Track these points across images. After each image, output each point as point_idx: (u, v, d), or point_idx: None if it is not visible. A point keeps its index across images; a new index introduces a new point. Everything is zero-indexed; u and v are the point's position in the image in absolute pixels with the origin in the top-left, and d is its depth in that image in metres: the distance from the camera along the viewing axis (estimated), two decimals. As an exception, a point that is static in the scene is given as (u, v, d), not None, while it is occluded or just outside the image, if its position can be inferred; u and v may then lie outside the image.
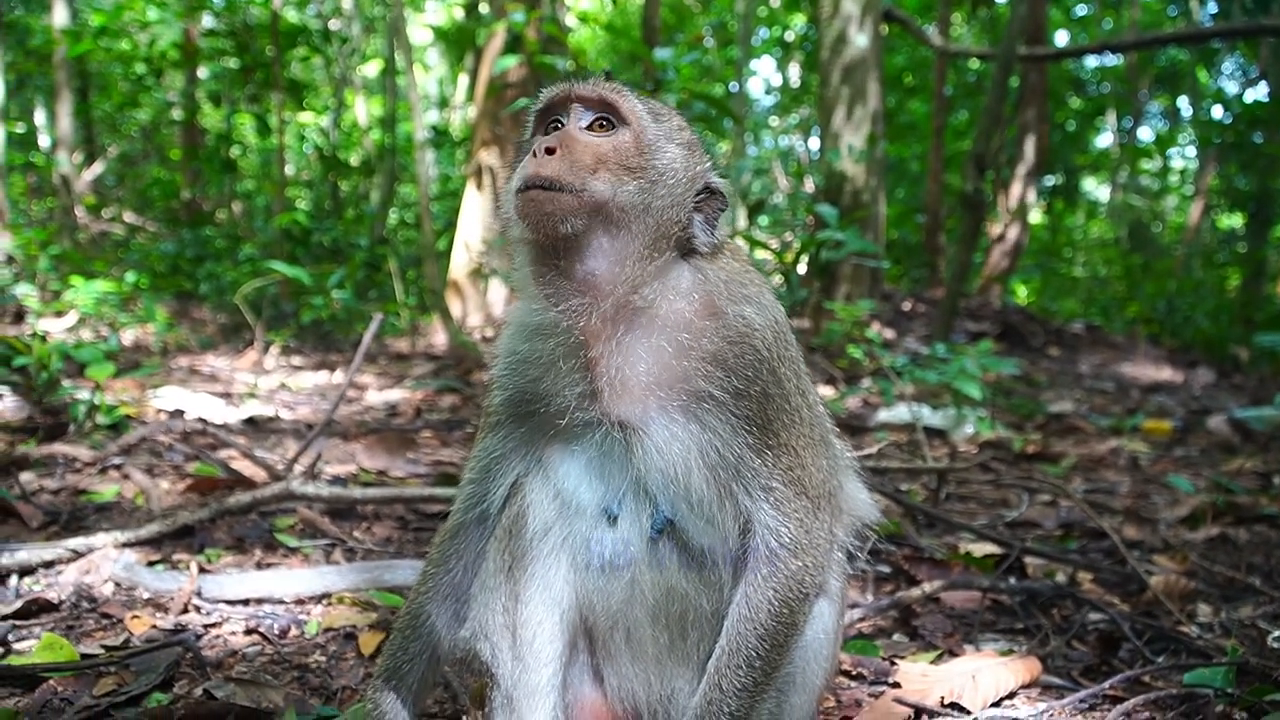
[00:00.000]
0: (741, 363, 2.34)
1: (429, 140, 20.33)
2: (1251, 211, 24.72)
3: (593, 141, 2.35)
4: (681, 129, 2.53)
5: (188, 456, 5.89)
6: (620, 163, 2.34)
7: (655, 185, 2.36)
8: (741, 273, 2.50)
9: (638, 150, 2.37)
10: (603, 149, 2.34)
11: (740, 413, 2.33)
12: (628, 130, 2.38)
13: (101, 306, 10.85)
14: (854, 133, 15.35)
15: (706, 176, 2.48)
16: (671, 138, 2.46)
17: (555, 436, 2.45)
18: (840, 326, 10.21)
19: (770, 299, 2.49)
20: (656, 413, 2.35)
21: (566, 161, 2.29)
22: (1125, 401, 12.80)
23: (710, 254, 2.47)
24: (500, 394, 2.53)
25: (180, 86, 21.36)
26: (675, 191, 2.39)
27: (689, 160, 2.46)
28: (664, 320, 2.36)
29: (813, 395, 2.59)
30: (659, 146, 2.41)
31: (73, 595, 3.68)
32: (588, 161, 2.31)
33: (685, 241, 2.43)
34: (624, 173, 2.33)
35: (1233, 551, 5.36)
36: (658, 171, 2.38)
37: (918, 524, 5.36)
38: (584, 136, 2.36)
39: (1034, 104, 20.15)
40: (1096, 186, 37.76)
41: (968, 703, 3.12)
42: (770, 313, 2.45)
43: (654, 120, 2.45)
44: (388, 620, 3.61)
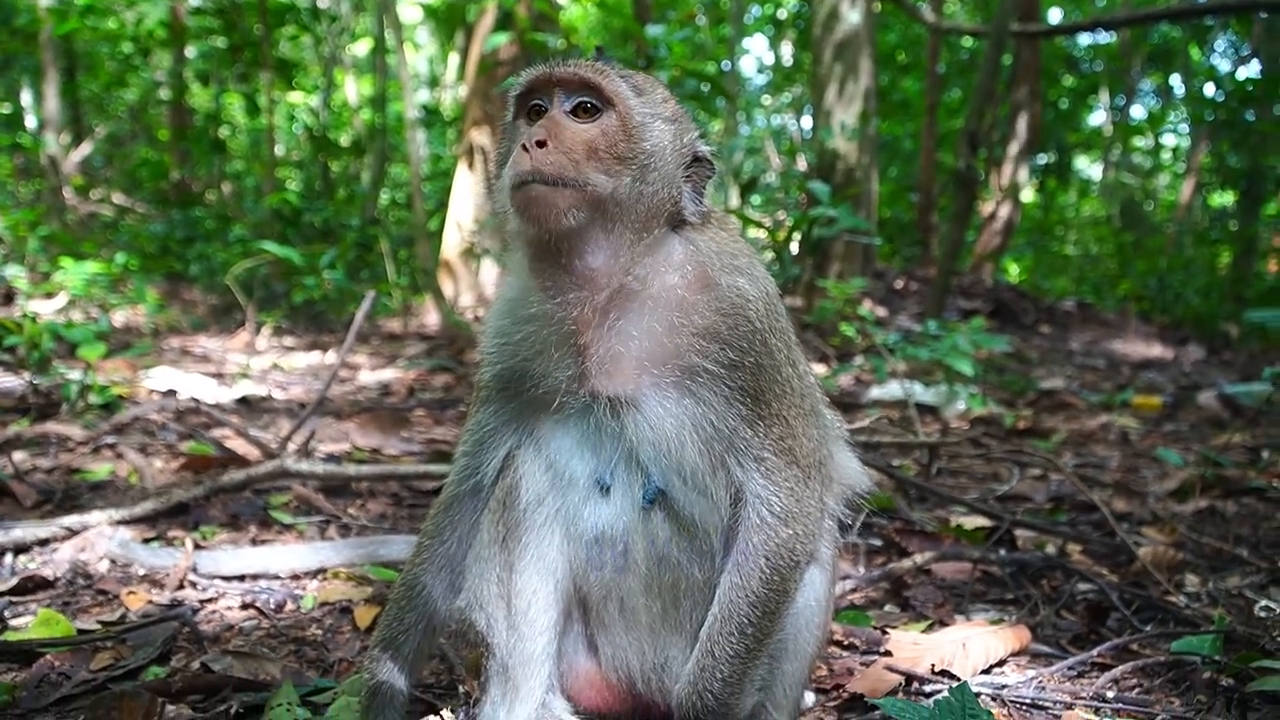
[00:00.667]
0: (735, 334, 2.35)
1: (420, 120, 20.26)
2: (1243, 189, 24.76)
3: (580, 129, 2.32)
4: (666, 101, 2.50)
5: (181, 435, 5.90)
6: (612, 152, 2.32)
7: (648, 170, 2.36)
8: (731, 243, 2.51)
9: (626, 134, 2.34)
10: (592, 137, 2.32)
11: (734, 384, 2.34)
12: (613, 113, 2.35)
13: (91, 288, 10.83)
14: (846, 110, 15.32)
15: (694, 146, 2.48)
16: (658, 113, 2.43)
17: (546, 410, 2.46)
18: (833, 304, 10.23)
19: (761, 270, 2.50)
20: (649, 389, 2.36)
21: (561, 154, 2.27)
22: (1116, 378, 12.85)
23: (699, 223, 2.48)
24: (490, 370, 2.54)
25: (168, 66, 21.22)
26: (666, 171, 2.39)
27: (677, 134, 2.45)
28: (657, 298, 2.36)
29: (803, 366, 2.60)
30: (647, 126, 2.38)
31: (68, 572, 3.70)
32: (581, 153, 2.29)
33: (675, 214, 2.43)
34: (617, 163, 2.32)
35: (1221, 523, 5.40)
36: (648, 154, 2.36)
37: (909, 497, 5.40)
38: (570, 123, 2.33)
39: (1027, 82, 20.12)
40: (1089, 165, 37.78)
41: (958, 670, 3.15)
42: (762, 284, 2.46)
43: (639, 98, 2.41)
44: (383, 594, 3.63)
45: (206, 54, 20.40)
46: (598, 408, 2.39)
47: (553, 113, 2.35)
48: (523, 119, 2.44)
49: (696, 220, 2.46)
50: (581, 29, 25.46)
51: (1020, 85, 20.23)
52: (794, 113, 34.66)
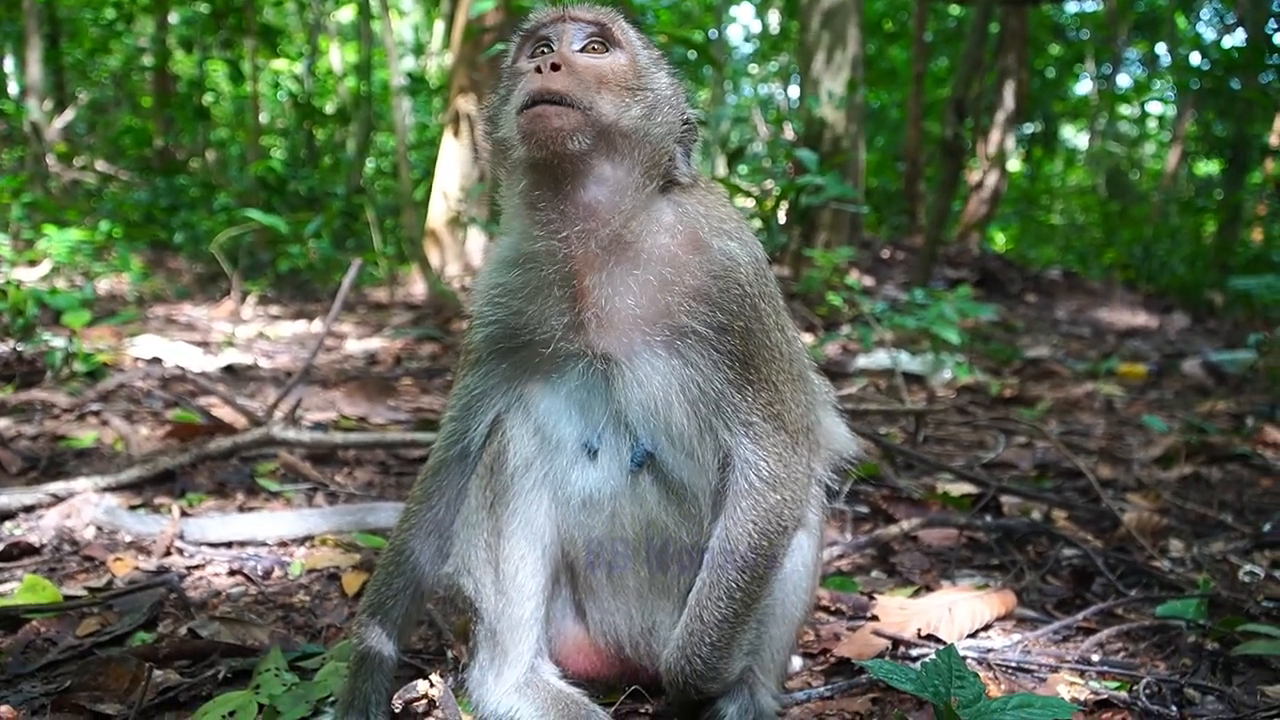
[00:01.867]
0: (726, 297, 2.35)
1: (405, 87, 20.08)
2: (1228, 157, 24.76)
3: (592, 62, 2.34)
4: (664, 58, 2.54)
5: (167, 403, 5.87)
6: (622, 84, 2.34)
7: (654, 110, 2.37)
8: (720, 207, 2.51)
9: (635, 73, 2.38)
10: (603, 69, 2.34)
11: (722, 348, 2.35)
12: (622, 53, 2.39)
13: (75, 256, 10.73)
14: (834, 79, 15.24)
15: (685, 109, 2.49)
16: (659, 65, 2.48)
17: (535, 371, 2.46)
18: (820, 273, 10.23)
19: (750, 235, 2.51)
20: (640, 346, 2.36)
21: (573, 77, 2.27)
22: (1101, 346, 12.90)
23: (689, 186, 2.48)
24: (481, 330, 2.52)
25: (151, 32, 20.97)
26: (669, 118, 2.41)
27: (676, 89, 2.47)
28: (649, 254, 2.36)
29: (791, 331, 2.60)
30: (653, 71, 2.42)
31: (54, 539, 3.68)
32: (592, 80, 2.30)
33: (668, 174, 2.43)
34: (626, 94, 2.33)
35: (1205, 490, 5.44)
36: (655, 96, 2.39)
37: (896, 465, 5.42)
38: (580, 58, 2.35)
39: (1013, 50, 20.07)
40: (1075, 134, 37.74)
41: (944, 634, 3.17)
42: (751, 249, 2.46)
43: (645, 48, 2.47)
44: (371, 561, 3.63)
45: (190, 20, 20.18)
46: (587, 365, 2.39)
47: (560, 49, 2.36)
48: (526, 58, 2.45)
49: (687, 181, 2.47)
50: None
51: (1007, 53, 20.17)
52: (781, 81, 34.49)
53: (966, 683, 2.21)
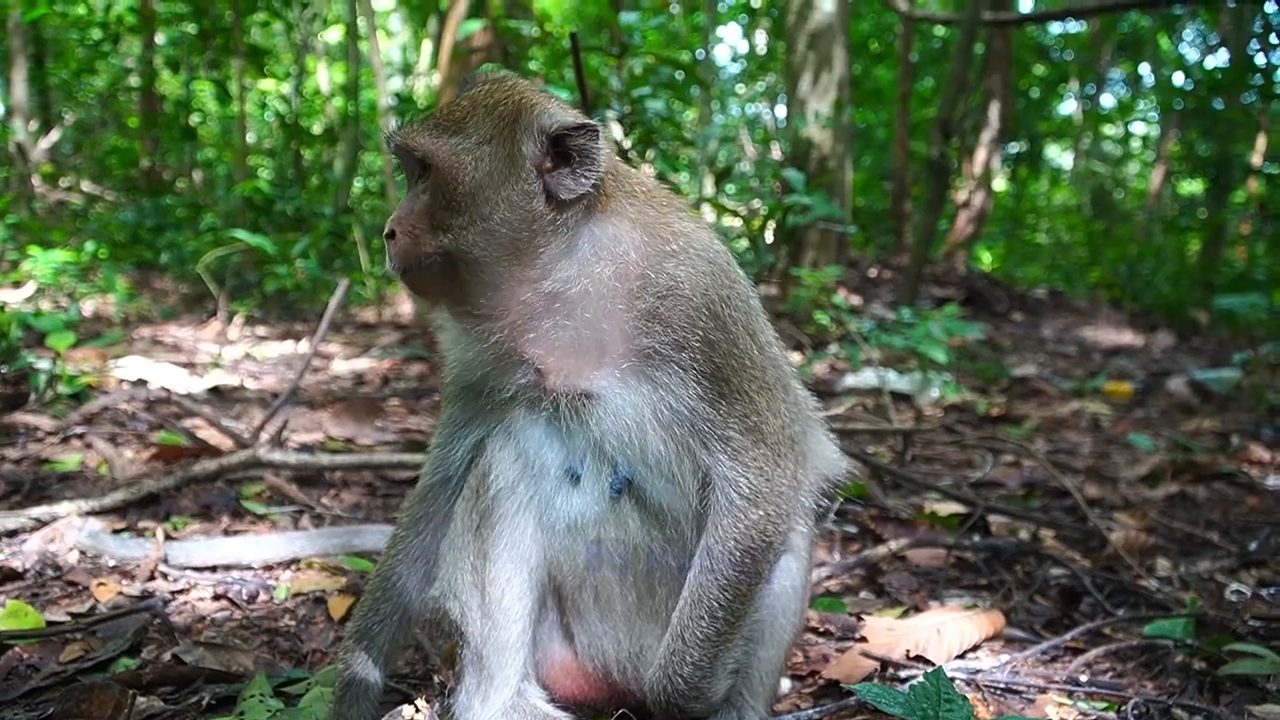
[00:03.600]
0: (675, 313, 2.30)
1: (393, 107, 20.09)
2: (1212, 177, 24.95)
3: (421, 198, 2.35)
4: (488, 114, 2.37)
5: (152, 425, 5.84)
6: (443, 208, 2.31)
7: (479, 206, 2.30)
8: (658, 216, 2.44)
9: (447, 184, 2.30)
10: (427, 201, 2.33)
11: (686, 364, 2.31)
12: (432, 170, 2.32)
13: (60, 276, 10.67)
14: (820, 99, 15.34)
15: (547, 129, 2.34)
16: (474, 141, 2.34)
17: (515, 405, 2.45)
18: (807, 293, 10.24)
19: (700, 239, 2.43)
20: (605, 380, 2.35)
21: (406, 237, 2.32)
22: (1087, 364, 12.95)
23: (611, 204, 2.40)
24: (451, 378, 2.57)
25: (138, 52, 20.93)
26: (502, 194, 2.30)
27: (504, 147, 2.34)
28: (588, 293, 2.32)
29: (765, 336, 2.54)
30: (461, 166, 2.31)
31: (37, 563, 3.65)
32: (422, 225, 2.32)
33: (568, 204, 2.34)
34: (450, 216, 2.29)
35: (1191, 508, 5.46)
36: (471, 193, 2.29)
37: (884, 485, 5.42)
38: (416, 193, 2.36)
39: (998, 70, 20.22)
40: (1060, 153, 38.02)
41: (933, 655, 3.17)
42: (700, 256, 2.39)
43: (451, 137, 2.34)
44: (357, 584, 3.61)
45: (177, 40, 20.15)
46: (560, 405, 2.38)
47: (412, 186, 2.39)
48: (410, 180, 2.45)
49: (594, 194, 2.36)
50: (555, 16, 25.36)
51: (992, 74, 20.32)
52: (768, 101, 34.68)
53: (955, 705, 2.20)
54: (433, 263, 2.31)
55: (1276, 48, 23.53)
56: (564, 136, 2.33)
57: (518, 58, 12.05)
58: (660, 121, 9.29)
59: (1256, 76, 21.97)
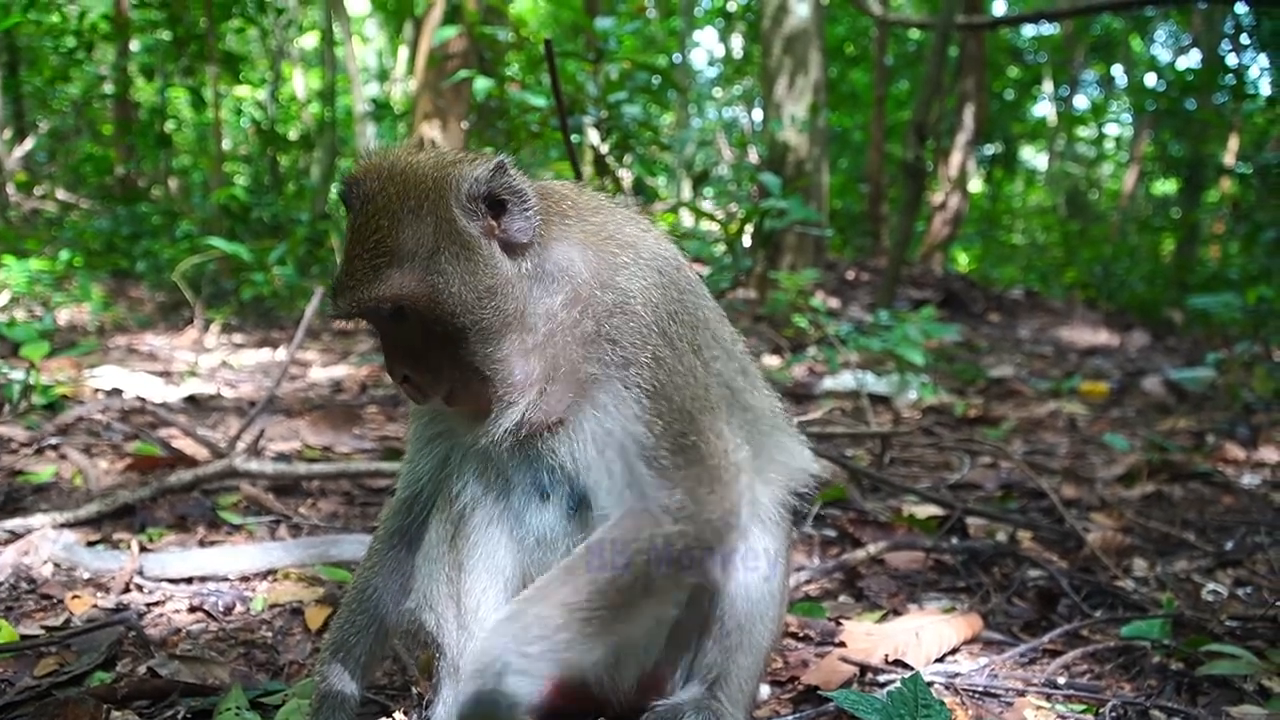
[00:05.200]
0: (625, 331, 2.28)
1: (370, 113, 20.04)
2: (1185, 177, 25.17)
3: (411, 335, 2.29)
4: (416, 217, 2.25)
5: (127, 436, 5.79)
6: (440, 336, 2.26)
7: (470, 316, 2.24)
8: (601, 237, 2.40)
9: (436, 318, 2.24)
10: (419, 336, 2.28)
11: (629, 382, 2.26)
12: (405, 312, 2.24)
13: (35, 286, 10.57)
14: (796, 103, 15.40)
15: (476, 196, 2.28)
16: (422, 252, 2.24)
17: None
18: (785, 296, 10.26)
19: (647, 246, 2.40)
20: (565, 404, 2.32)
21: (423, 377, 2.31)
22: (1063, 365, 13.03)
23: (549, 223, 2.36)
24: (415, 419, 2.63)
25: (111, 60, 20.78)
26: (483, 285, 2.25)
27: (453, 242, 2.26)
28: (545, 327, 2.31)
29: (713, 351, 2.49)
30: (436, 292, 2.23)
31: (10, 576, 3.61)
32: (434, 358, 2.30)
33: (525, 247, 2.32)
34: (454, 340, 2.26)
35: (1168, 508, 5.49)
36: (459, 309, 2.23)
37: (862, 488, 5.43)
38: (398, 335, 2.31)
39: (973, 73, 20.33)
40: (1034, 155, 38.25)
41: (911, 659, 3.18)
42: (649, 266, 2.36)
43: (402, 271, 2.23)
44: (335, 595, 3.59)
45: (151, 47, 20.00)
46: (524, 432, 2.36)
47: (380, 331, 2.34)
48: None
49: (537, 237, 2.33)
50: (531, 22, 25.34)
51: (966, 77, 20.43)
52: (745, 105, 34.75)
53: (933, 711, 2.21)
54: (458, 383, 2.31)
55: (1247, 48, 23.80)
56: (490, 186, 2.28)
57: (493, 63, 12.02)
58: (637, 126, 9.32)
59: (1228, 77, 22.23)
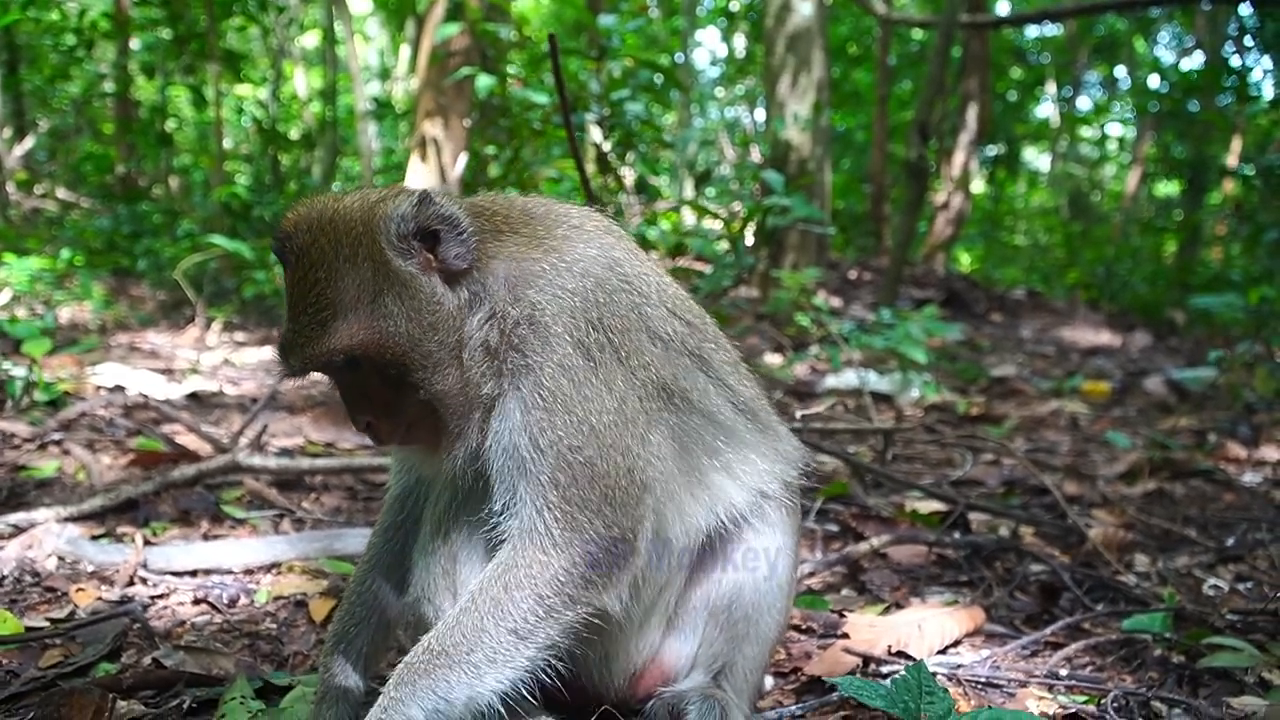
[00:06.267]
0: (531, 341, 2.24)
1: (371, 112, 20.06)
2: (1188, 178, 25.16)
3: (368, 382, 2.30)
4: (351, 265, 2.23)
5: (129, 431, 5.79)
6: (396, 379, 2.26)
7: (419, 355, 2.24)
8: (528, 240, 2.36)
9: (386, 363, 2.24)
10: (375, 383, 2.29)
11: (526, 392, 2.23)
12: (359, 360, 2.24)
13: (36, 284, 10.59)
14: (799, 102, 15.39)
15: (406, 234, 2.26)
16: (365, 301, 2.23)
17: None
18: (788, 294, 10.27)
19: (574, 253, 2.34)
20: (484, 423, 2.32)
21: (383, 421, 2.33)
22: (1065, 364, 13.03)
23: (483, 243, 2.34)
24: None
25: (112, 58, 20.79)
26: (426, 321, 2.25)
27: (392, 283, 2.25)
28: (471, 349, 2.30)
29: (652, 353, 2.39)
30: (384, 338, 2.22)
31: (15, 570, 3.62)
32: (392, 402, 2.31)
33: (465, 273, 2.31)
34: (408, 380, 2.25)
35: (1169, 505, 5.50)
36: (409, 350, 2.24)
37: (865, 484, 5.44)
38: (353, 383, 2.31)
39: (976, 73, 20.32)
40: (1037, 156, 38.25)
41: (914, 651, 3.18)
42: (570, 272, 2.31)
43: (347, 322, 2.21)
44: (339, 587, 3.60)
45: (151, 46, 20.01)
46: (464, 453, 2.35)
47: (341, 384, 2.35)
48: None
49: (475, 259, 2.31)
50: (534, 20, 25.34)
51: (969, 77, 20.43)
52: (747, 105, 34.75)
53: (936, 698, 2.22)
54: (418, 420, 2.32)
55: (1251, 50, 23.78)
56: (417, 221, 2.26)
57: (495, 61, 12.02)
58: (640, 125, 9.31)
59: (1231, 78, 22.18)
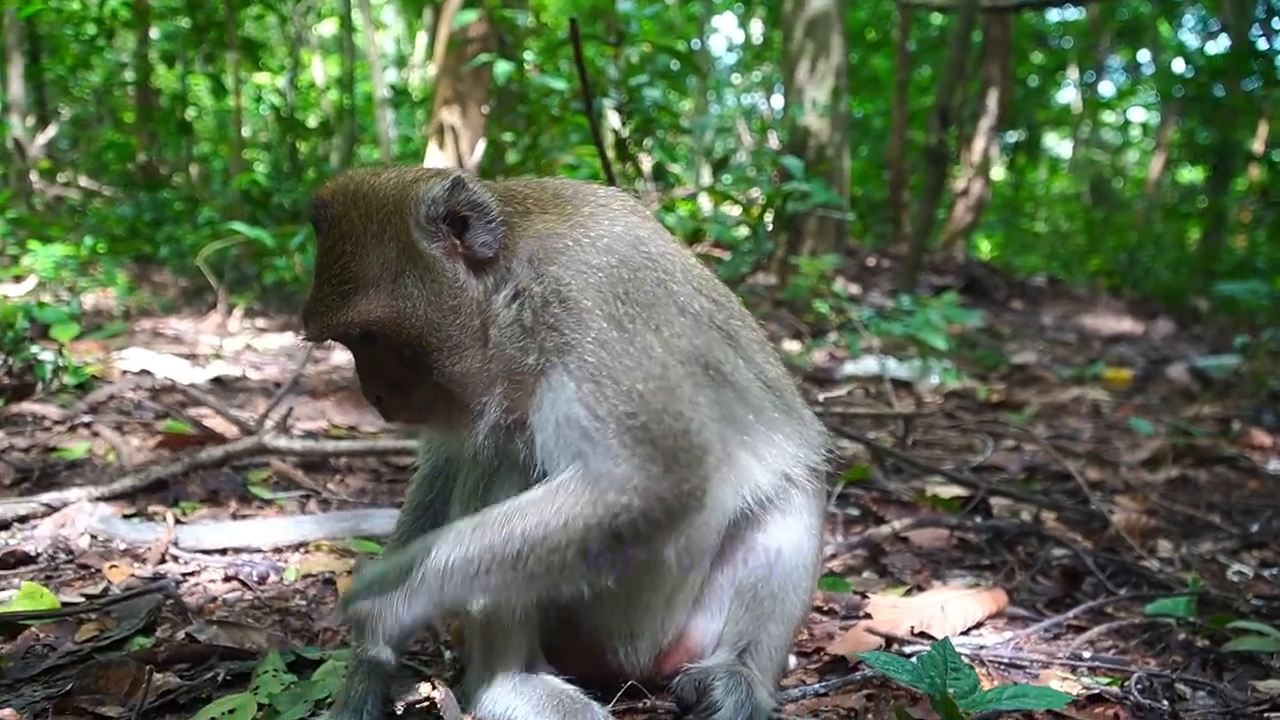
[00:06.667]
0: (563, 319, 2.25)
1: (389, 99, 20.10)
2: (1212, 164, 24.91)
3: (383, 358, 2.30)
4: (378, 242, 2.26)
5: (157, 414, 5.86)
6: (411, 358, 2.27)
7: (437, 335, 2.26)
8: (548, 235, 2.35)
9: (403, 340, 2.25)
10: (391, 359, 2.30)
11: (571, 368, 2.23)
12: (378, 336, 2.26)
13: (61, 270, 10.68)
14: (818, 87, 15.34)
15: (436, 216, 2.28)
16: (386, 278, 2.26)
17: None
18: (806, 281, 10.26)
19: (597, 228, 2.36)
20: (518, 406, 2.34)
21: (393, 397, 2.35)
22: (1087, 352, 12.98)
23: (511, 229, 2.35)
24: None
25: (132, 47, 20.89)
26: (449, 305, 2.28)
27: (416, 264, 2.27)
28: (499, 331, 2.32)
29: (683, 325, 2.39)
30: (403, 315, 2.25)
31: (49, 547, 3.67)
32: (403, 378, 2.31)
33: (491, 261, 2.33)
34: (422, 361, 2.26)
35: (1193, 491, 5.49)
36: (426, 329, 2.25)
37: (885, 469, 5.45)
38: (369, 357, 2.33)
39: (996, 58, 20.22)
40: (1058, 142, 38.03)
41: (936, 632, 3.19)
42: (593, 247, 2.32)
43: (367, 297, 2.24)
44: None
45: (171, 35, 20.11)
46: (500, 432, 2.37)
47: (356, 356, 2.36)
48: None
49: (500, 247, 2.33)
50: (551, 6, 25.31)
51: (990, 62, 20.32)
52: (764, 92, 34.65)
53: (962, 674, 2.24)
54: (432, 401, 2.33)
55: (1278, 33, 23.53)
56: (448, 205, 2.28)
57: (513, 47, 12.03)
58: (658, 111, 9.31)
59: (1257, 62, 21.94)
